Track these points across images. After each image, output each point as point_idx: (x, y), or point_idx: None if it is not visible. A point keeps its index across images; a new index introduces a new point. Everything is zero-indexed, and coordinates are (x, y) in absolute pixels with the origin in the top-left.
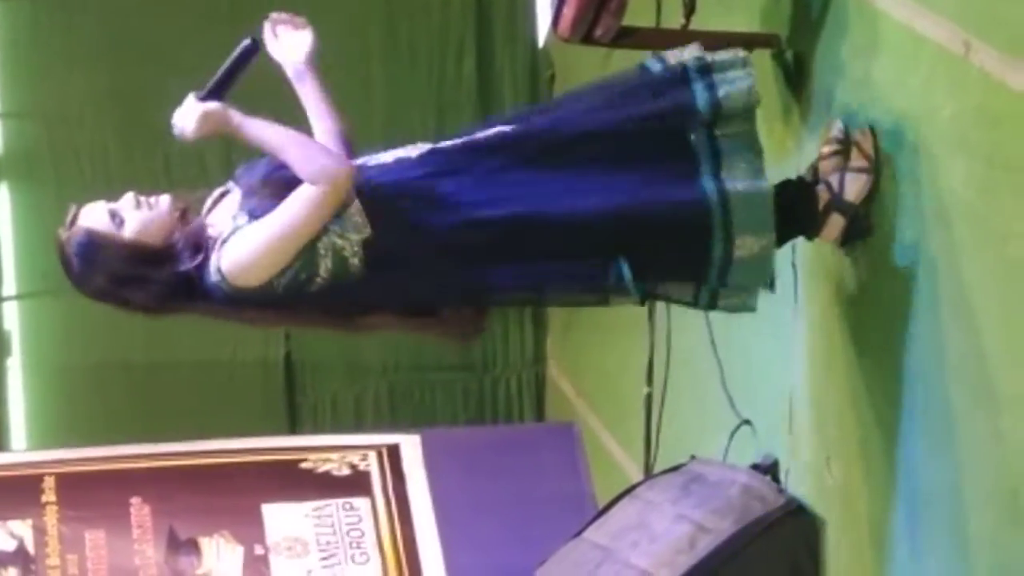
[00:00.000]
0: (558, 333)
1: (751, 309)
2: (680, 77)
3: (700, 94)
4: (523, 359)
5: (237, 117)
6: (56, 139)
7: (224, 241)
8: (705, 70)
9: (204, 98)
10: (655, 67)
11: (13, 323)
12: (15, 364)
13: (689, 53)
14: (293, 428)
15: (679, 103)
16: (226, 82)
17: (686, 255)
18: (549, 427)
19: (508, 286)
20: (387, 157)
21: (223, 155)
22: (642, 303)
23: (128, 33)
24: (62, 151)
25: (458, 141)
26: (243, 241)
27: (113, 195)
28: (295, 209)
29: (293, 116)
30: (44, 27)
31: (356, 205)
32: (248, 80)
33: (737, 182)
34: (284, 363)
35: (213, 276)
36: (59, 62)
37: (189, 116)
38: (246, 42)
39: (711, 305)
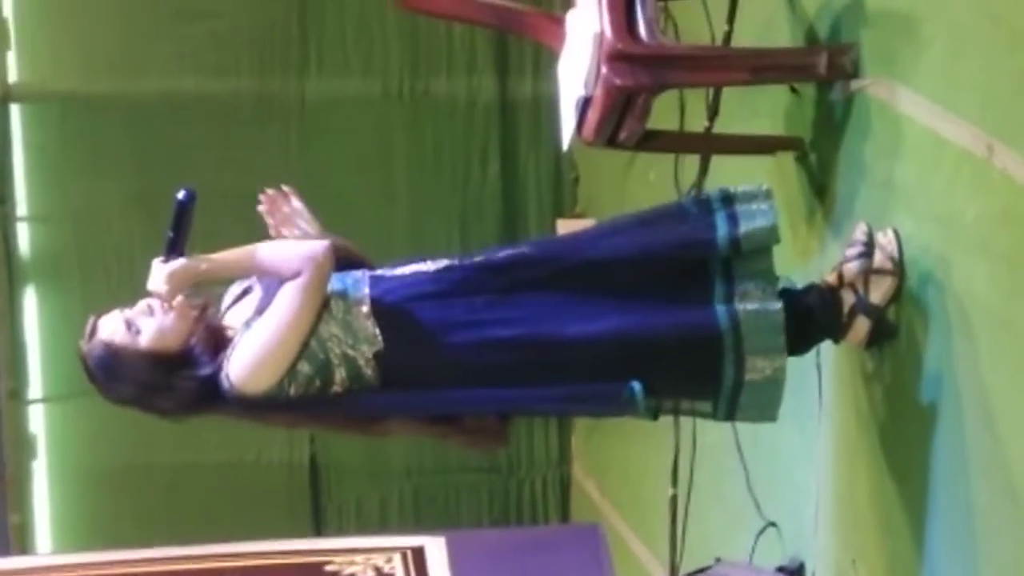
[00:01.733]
0: (583, 434)
1: (771, 419)
2: (703, 206)
3: (721, 227)
4: (548, 460)
5: (203, 263)
6: (82, 242)
7: (233, 347)
8: (727, 200)
9: (166, 260)
10: (688, 203)
11: (39, 426)
12: (41, 467)
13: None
14: (318, 530)
15: (699, 238)
16: (177, 239)
17: (697, 378)
18: (574, 528)
19: (520, 406)
20: (405, 270)
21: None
22: (654, 419)
23: (153, 136)
24: (88, 254)
25: (476, 259)
26: (244, 348)
27: (138, 299)
28: (286, 304)
29: None
30: (71, 130)
31: (369, 318)
32: None
33: (748, 304)
34: (309, 465)
35: (224, 383)
36: (85, 165)
37: (158, 280)
38: (179, 196)
39: (730, 416)
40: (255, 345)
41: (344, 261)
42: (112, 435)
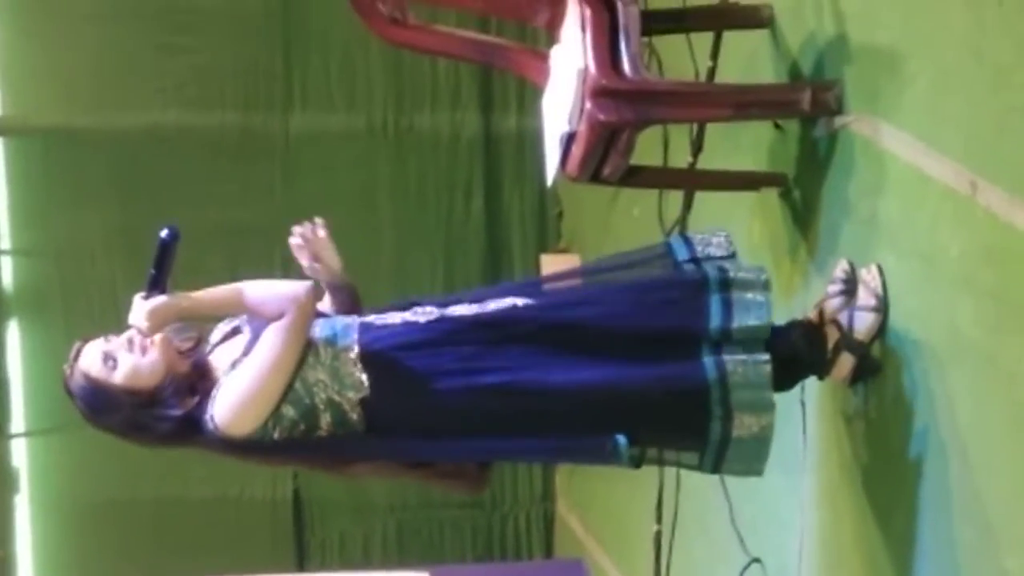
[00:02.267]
0: (566, 470)
1: (757, 474)
2: (700, 289)
3: (715, 315)
4: (532, 496)
5: (185, 300)
6: (65, 276)
7: (217, 389)
8: (725, 285)
9: (147, 296)
10: (680, 253)
11: (22, 460)
12: (23, 501)
13: (716, 245)
14: (301, 565)
15: (691, 325)
16: (160, 276)
17: (684, 431)
18: (558, 563)
19: (505, 456)
20: (395, 319)
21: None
22: (637, 467)
23: (136, 170)
24: (71, 288)
25: (467, 313)
26: (228, 390)
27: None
28: (268, 346)
29: None
30: (54, 164)
31: (357, 364)
32: None
33: (736, 355)
34: (293, 500)
35: (208, 425)
36: (68, 199)
37: (139, 316)
38: (162, 235)
39: (716, 470)
40: (239, 388)
41: (348, 303)
42: (95, 469)
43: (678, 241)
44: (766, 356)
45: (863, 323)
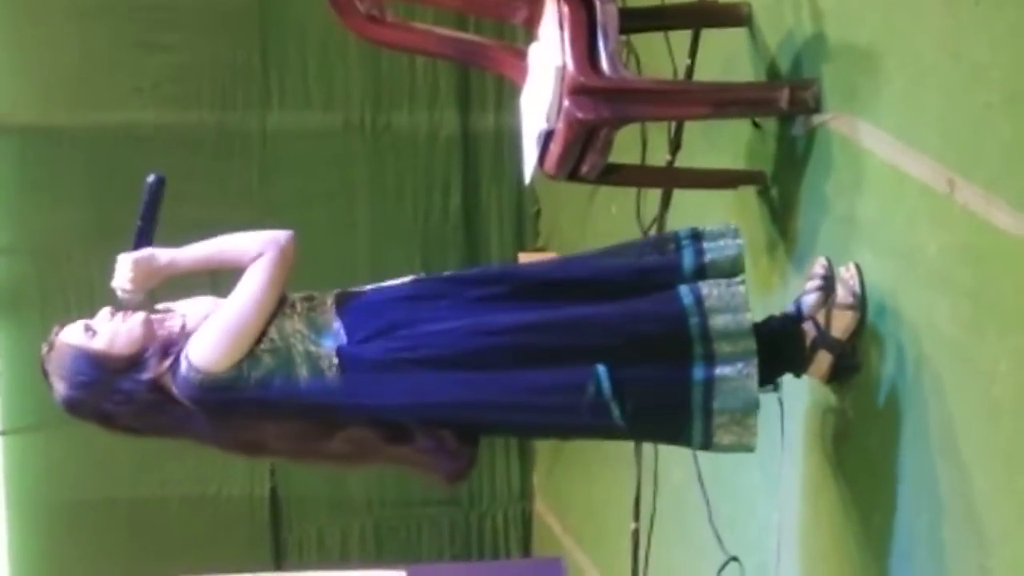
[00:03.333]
0: (544, 468)
1: (749, 449)
2: (671, 242)
3: (687, 257)
4: (509, 494)
5: (166, 254)
6: (42, 275)
7: (195, 334)
8: (696, 237)
9: (134, 250)
10: (652, 237)
11: None
12: (0, 500)
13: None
14: (278, 564)
15: (666, 263)
16: (146, 228)
17: (666, 366)
18: (536, 562)
19: (482, 398)
20: (367, 288)
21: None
22: (623, 421)
23: (113, 169)
24: (48, 286)
25: (446, 273)
26: (208, 326)
27: None
28: (249, 281)
29: None
30: (31, 163)
31: (333, 310)
32: None
33: (711, 282)
34: (270, 498)
35: (183, 369)
36: (45, 198)
37: (122, 272)
38: (150, 179)
39: (705, 444)
40: (216, 322)
41: None
42: (72, 468)
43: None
44: (741, 278)
45: (841, 321)
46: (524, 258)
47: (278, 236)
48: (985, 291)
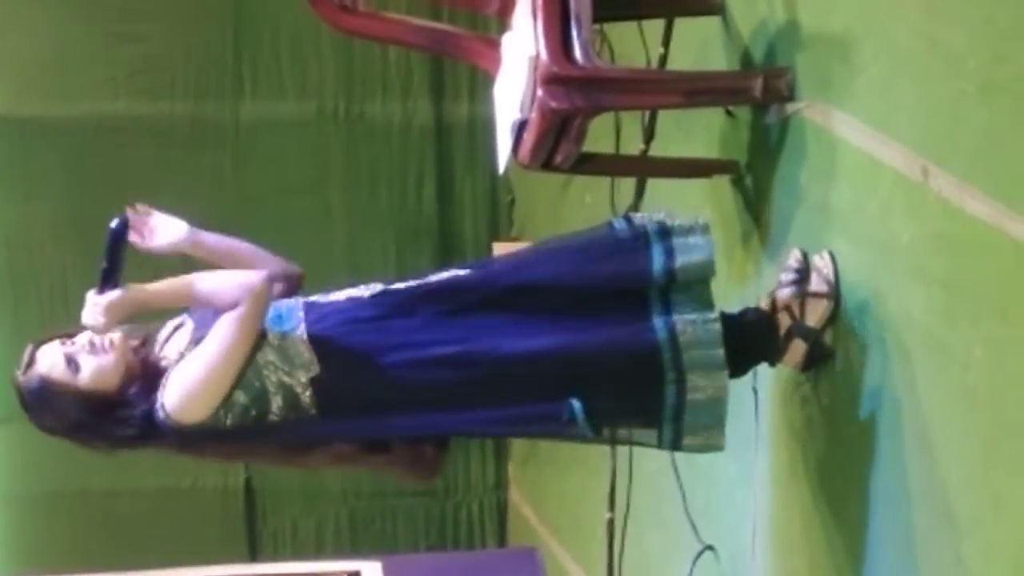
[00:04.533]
0: (519, 459)
1: (718, 449)
2: (640, 240)
3: (657, 259)
4: (484, 485)
5: (140, 293)
6: (15, 267)
7: (167, 378)
8: (665, 234)
9: (100, 291)
10: (620, 227)
11: None
12: None
13: (655, 216)
14: (253, 555)
15: (635, 269)
16: (112, 269)
17: (638, 396)
18: (511, 553)
19: (459, 429)
20: (340, 296)
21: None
22: (597, 434)
23: (86, 160)
24: (21, 279)
25: (411, 284)
26: (180, 376)
27: (73, 325)
28: (222, 334)
29: None
30: (2, 153)
31: (305, 343)
32: None
33: (686, 315)
34: (244, 490)
35: (159, 414)
36: (17, 189)
37: (94, 313)
38: (112, 224)
39: (675, 443)
40: (190, 375)
41: (290, 286)
42: (45, 460)
43: (619, 219)
44: (715, 314)
45: (815, 309)
46: (498, 248)
47: (252, 282)
48: (959, 279)
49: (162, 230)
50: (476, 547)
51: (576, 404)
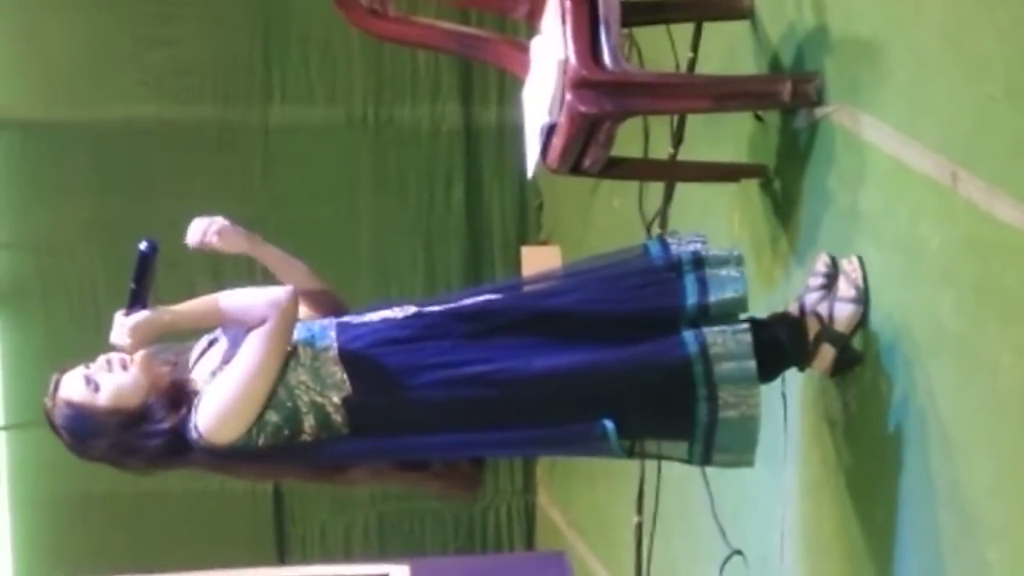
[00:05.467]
0: (547, 462)
1: (748, 464)
2: (674, 269)
3: (690, 295)
4: (513, 488)
5: (167, 315)
6: (44, 270)
7: (200, 397)
8: (698, 264)
9: (128, 312)
10: (655, 252)
11: (1, 454)
12: (2, 495)
13: (690, 245)
14: (282, 558)
15: (667, 304)
16: (141, 291)
17: (670, 413)
18: (539, 556)
19: (491, 450)
20: (373, 316)
21: (214, 286)
22: (630, 456)
23: (115, 164)
24: (51, 281)
25: (444, 307)
26: (212, 397)
27: (102, 328)
28: (252, 352)
29: None
30: (32, 158)
31: (337, 363)
32: None
33: (716, 328)
34: (273, 493)
35: (192, 434)
36: (48, 192)
37: (121, 334)
38: (142, 247)
39: (706, 460)
40: (222, 394)
41: (329, 306)
42: (74, 463)
43: (654, 243)
44: (745, 325)
45: (843, 314)
46: (527, 252)
47: (279, 298)
48: (988, 284)
49: (227, 234)
50: (504, 550)
51: (609, 424)
